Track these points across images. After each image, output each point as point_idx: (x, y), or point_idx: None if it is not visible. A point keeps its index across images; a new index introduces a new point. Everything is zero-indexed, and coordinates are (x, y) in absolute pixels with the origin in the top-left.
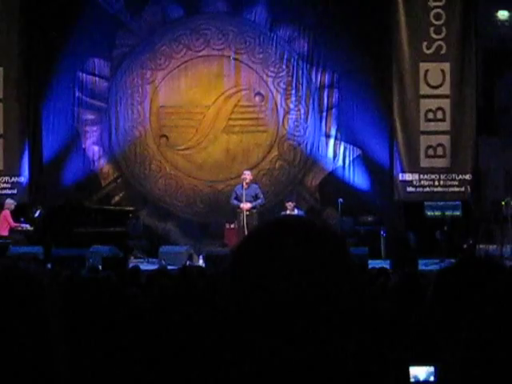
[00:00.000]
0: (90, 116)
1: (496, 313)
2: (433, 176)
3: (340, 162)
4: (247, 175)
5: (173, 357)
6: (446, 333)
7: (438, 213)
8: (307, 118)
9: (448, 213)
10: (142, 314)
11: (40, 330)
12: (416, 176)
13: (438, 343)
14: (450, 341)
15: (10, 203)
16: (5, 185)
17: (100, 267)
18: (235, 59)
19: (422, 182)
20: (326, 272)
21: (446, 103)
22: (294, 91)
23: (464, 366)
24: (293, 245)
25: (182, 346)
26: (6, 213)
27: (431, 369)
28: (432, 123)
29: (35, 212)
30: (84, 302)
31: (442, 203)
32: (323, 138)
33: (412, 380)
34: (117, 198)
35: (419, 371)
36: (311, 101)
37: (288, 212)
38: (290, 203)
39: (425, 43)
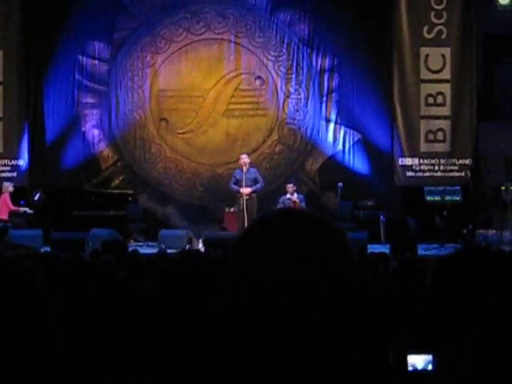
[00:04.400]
0: (90, 99)
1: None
2: (433, 161)
3: (340, 147)
4: (245, 159)
5: (174, 341)
6: (445, 322)
7: (437, 198)
8: (307, 102)
9: (448, 198)
10: (141, 299)
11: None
12: (416, 161)
13: (437, 332)
14: (448, 330)
15: (8, 185)
16: (4, 168)
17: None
18: (235, 43)
19: (422, 167)
20: (326, 261)
21: (446, 88)
22: (294, 75)
23: (463, 355)
24: (294, 234)
25: (182, 330)
26: (6, 196)
27: (429, 357)
28: (432, 108)
29: (35, 195)
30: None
31: (441, 188)
32: (323, 122)
33: (410, 368)
34: (116, 182)
35: (417, 359)
36: (311, 85)
37: (288, 196)
38: (290, 185)
39: (425, 28)
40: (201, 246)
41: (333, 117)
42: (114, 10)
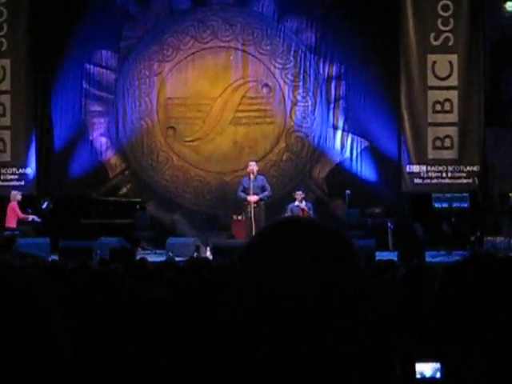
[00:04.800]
0: (97, 108)
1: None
2: (440, 168)
3: (347, 154)
4: (253, 166)
5: (182, 348)
6: (453, 329)
7: (445, 205)
8: (315, 109)
9: (455, 204)
10: (149, 307)
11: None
12: (423, 168)
13: (445, 340)
14: (456, 338)
15: (16, 194)
16: (12, 176)
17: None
18: (242, 51)
19: (430, 174)
20: (334, 270)
21: (453, 95)
22: (301, 83)
23: (471, 363)
24: (300, 243)
25: (189, 339)
26: (14, 204)
27: (437, 365)
28: (440, 115)
29: (43, 203)
30: (92, 295)
31: (449, 195)
32: (331, 130)
33: (418, 376)
34: (124, 190)
35: (425, 367)
36: (319, 92)
37: (296, 203)
38: (299, 192)
39: (432, 35)
40: (208, 254)
41: (340, 124)
42: (120, 19)
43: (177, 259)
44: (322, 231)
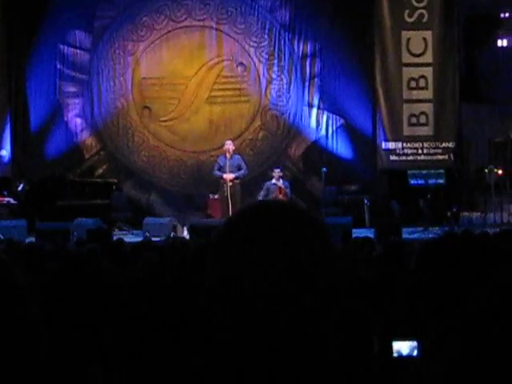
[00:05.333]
0: (71, 88)
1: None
2: (416, 144)
3: (323, 132)
4: (229, 145)
5: (160, 329)
6: (430, 308)
7: (421, 181)
8: (290, 87)
9: (431, 181)
10: (127, 288)
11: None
12: (399, 144)
13: (422, 318)
14: (433, 316)
15: None
16: None
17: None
18: (217, 29)
19: (406, 151)
20: (305, 253)
21: (428, 71)
22: (276, 61)
23: (448, 341)
24: (274, 227)
25: (168, 321)
26: None
27: (414, 343)
28: (415, 91)
29: (18, 185)
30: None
31: (425, 171)
32: (306, 108)
33: (395, 355)
34: (100, 171)
35: (402, 346)
36: (294, 70)
37: (274, 181)
38: (277, 170)
39: (406, 11)
40: (186, 234)
41: (315, 102)
42: None
43: (154, 239)
44: (293, 213)
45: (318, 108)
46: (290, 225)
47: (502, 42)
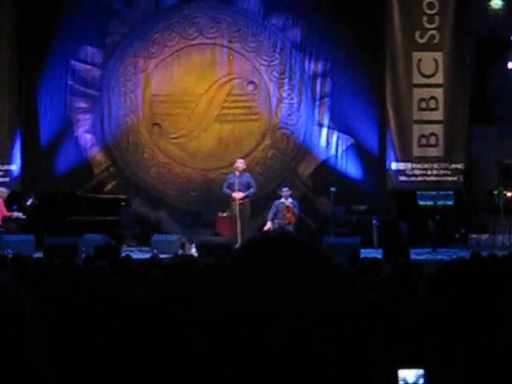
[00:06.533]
0: (82, 104)
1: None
2: (425, 165)
3: (333, 151)
4: (240, 164)
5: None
6: (437, 335)
7: (430, 202)
8: (300, 106)
9: (440, 202)
10: (134, 306)
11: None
12: (409, 165)
13: (429, 346)
14: (440, 344)
15: (4, 192)
16: None
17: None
18: (228, 48)
19: (415, 172)
20: (311, 285)
21: (438, 92)
22: (287, 80)
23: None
24: (280, 259)
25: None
26: None
27: (421, 372)
28: (425, 112)
29: (27, 200)
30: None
31: (434, 192)
32: (316, 127)
33: (401, 383)
34: (109, 187)
35: (408, 374)
36: (304, 89)
37: (282, 200)
38: (285, 189)
39: (418, 32)
40: (194, 251)
41: (325, 121)
42: (106, 15)
43: (162, 256)
44: (301, 247)
45: (328, 127)
46: (292, 258)
47: None
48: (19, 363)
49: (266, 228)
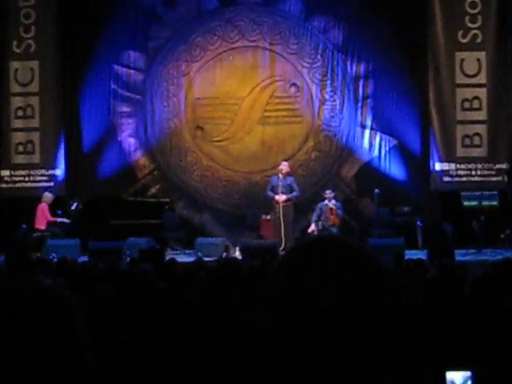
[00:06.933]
0: (125, 108)
1: None
2: (469, 165)
3: (376, 153)
4: (284, 166)
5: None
6: (485, 337)
7: (474, 203)
8: (343, 108)
9: (485, 202)
10: (179, 308)
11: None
12: (452, 166)
13: (476, 347)
14: (488, 345)
15: (49, 196)
16: (42, 177)
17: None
18: (270, 50)
19: (459, 172)
20: (359, 287)
21: (482, 92)
22: (329, 82)
23: (505, 373)
24: (327, 262)
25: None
26: (44, 206)
27: (468, 374)
28: (468, 112)
29: (72, 205)
30: (122, 297)
31: (478, 193)
32: (359, 129)
33: None
34: (153, 190)
35: (456, 376)
36: (346, 91)
37: (326, 202)
38: (328, 191)
39: (460, 32)
40: (238, 254)
41: (368, 123)
42: (148, 19)
43: (206, 259)
44: (347, 249)
45: (371, 129)
46: (338, 260)
47: None
48: (76, 375)
49: (309, 230)
